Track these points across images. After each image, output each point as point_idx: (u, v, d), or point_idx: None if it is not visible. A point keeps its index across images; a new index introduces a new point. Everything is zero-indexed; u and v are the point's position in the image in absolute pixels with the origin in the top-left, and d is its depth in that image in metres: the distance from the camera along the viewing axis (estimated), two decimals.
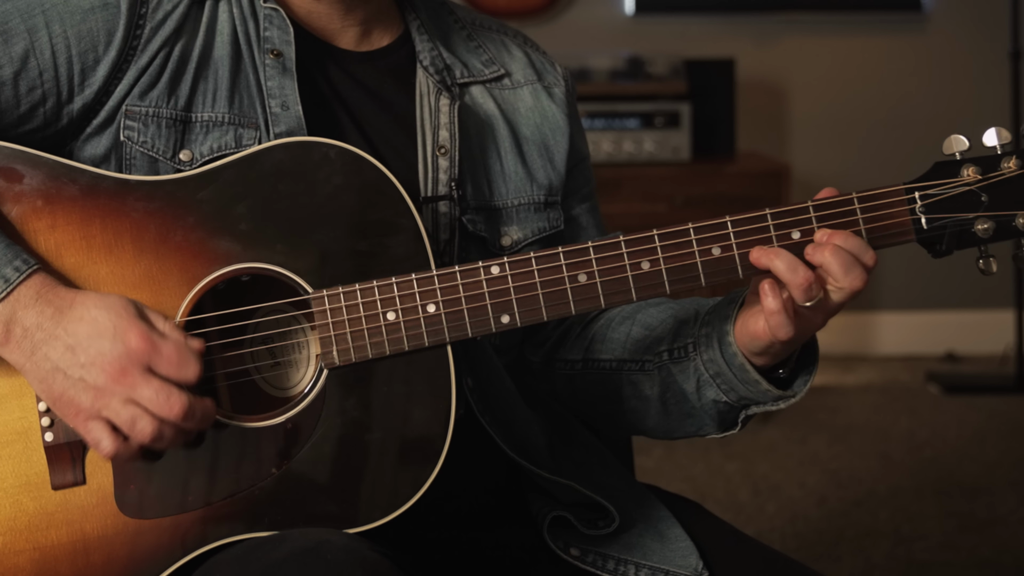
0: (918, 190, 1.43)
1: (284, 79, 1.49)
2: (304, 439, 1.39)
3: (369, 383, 1.40)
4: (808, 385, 1.48)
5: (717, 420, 1.54)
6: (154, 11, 1.47)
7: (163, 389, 1.31)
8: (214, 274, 1.39)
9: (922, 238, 1.43)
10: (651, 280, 1.41)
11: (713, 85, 4.60)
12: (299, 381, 1.45)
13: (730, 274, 1.42)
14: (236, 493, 1.38)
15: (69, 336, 1.32)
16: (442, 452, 1.39)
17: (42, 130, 1.45)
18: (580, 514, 1.53)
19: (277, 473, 1.38)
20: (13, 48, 1.43)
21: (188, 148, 1.47)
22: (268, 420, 1.39)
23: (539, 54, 1.71)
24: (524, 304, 1.40)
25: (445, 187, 1.54)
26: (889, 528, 3.37)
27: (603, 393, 1.61)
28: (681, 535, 1.55)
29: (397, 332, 1.39)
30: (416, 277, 1.39)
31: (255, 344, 1.44)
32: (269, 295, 1.44)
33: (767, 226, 1.42)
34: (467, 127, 1.58)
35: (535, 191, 1.62)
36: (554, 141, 1.64)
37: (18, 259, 1.33)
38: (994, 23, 4.88)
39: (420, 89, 1.58)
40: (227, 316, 1.41)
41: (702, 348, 1.51)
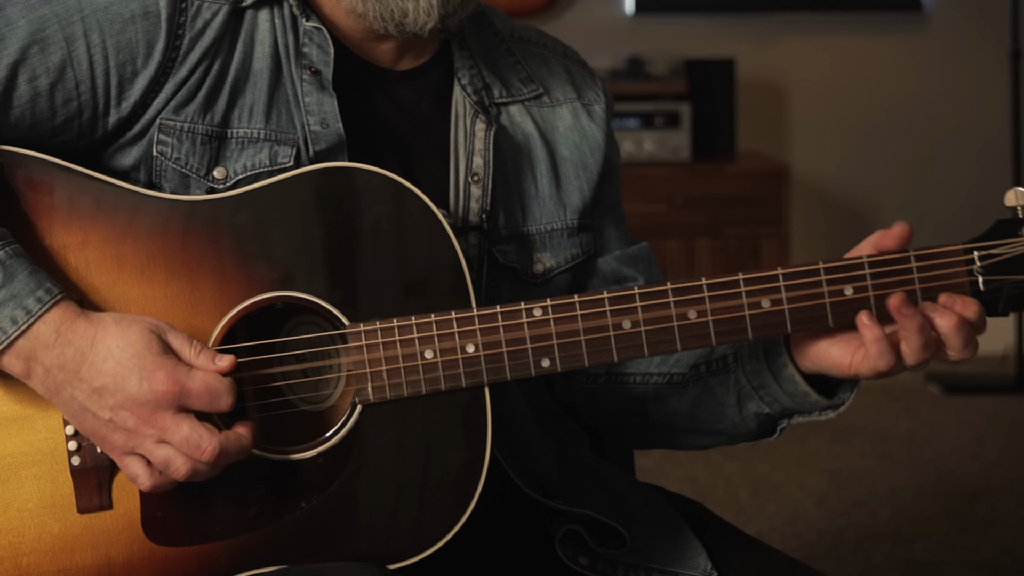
0: (977, 250, 1.39)
1: (323, 96, 1.45)
2: (336, 474, 1.36)
3: (403, 421, 1.37)
4: (855, 392, 1.45)
5: (755, 429, 1.52)
6: (193, 19, 1.43)
7: (195, 432, 1.29)
8: (249, 301, 1.36)
9: (978, 299, 1.38)
10: (697, 331, 1.36)
11: (713, 85, 4.60)
12: (330, 395, 1.43)
13: (779, 328, 1.36)
14: (264, 525, 1.36)
15: (95, 379, 1.29)
16: (474, 495, 1.37)
17: (76, 141, 1.42)
18: (592, 530, 1.52)
19: (307, 507, 1.36)
20: (50, 58, 1.39)
21: (223, 165, 1.43)
22: (300, 453, 1.37)
23: (579, 67, 1.66)
24: (565, 349, 1.36)
25: (476, 217, 1.51)
26: (889, 528, 3.37)
27: (626, 407, 1.59)
28: (689, 536, 1.55)
29: (434, 372, 1.35)
30: (456, 316, 1.35)
31: (286, 362, 1.41)
32: (303, 322, 1.42)
33: (820, 280, 1.36)
34: (503, 150, 1.54)
35: (568, 216, 1.57)
36: (592, 160, 1.60)
37: (41, 288, 1.30)
38: (994, 23, 4.88)
39: (456, 110, 1.54)
40: (260, 347, 1.38)
41: (744, 360, 1.48)
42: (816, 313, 1.37)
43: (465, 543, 1.48)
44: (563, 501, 1.52)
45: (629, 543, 1.51)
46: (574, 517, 1.52)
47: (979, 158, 4.97)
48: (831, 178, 5.00)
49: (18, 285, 1.29)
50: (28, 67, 1.38)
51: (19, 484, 1.35)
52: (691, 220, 4.38)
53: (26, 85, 1.38)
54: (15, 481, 1.35)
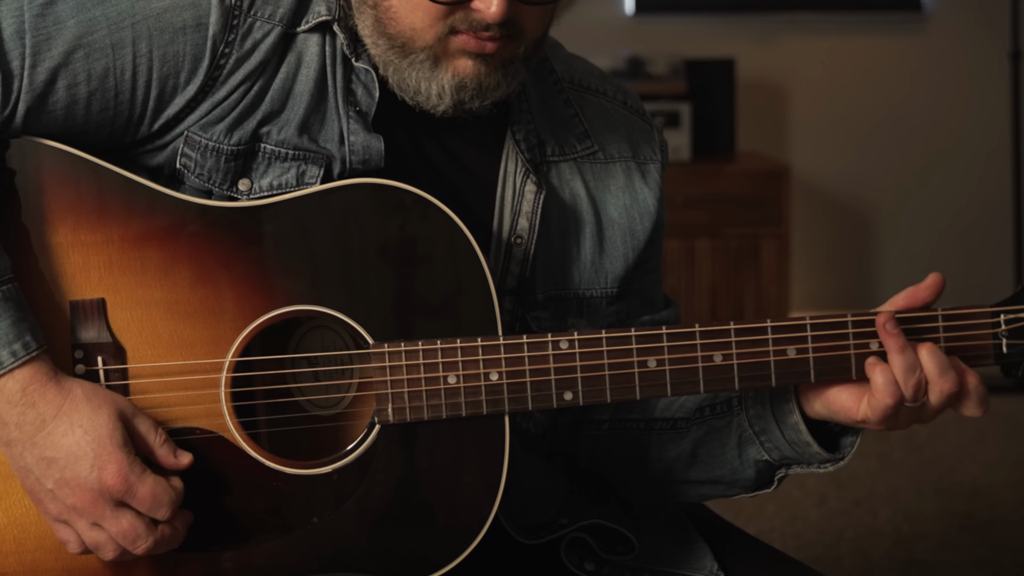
0: (1004, 313, 1.40)
1: (370, 138, 1.41)
2: (349, 492, 1.36)
3: (420, 443, 1.36)
4: (855, 447, 1.45)
5: (753, 478, 1.50)
6: (243, 39, 1.39)
7: (131, 530, 1.29)
8: (273, 312, 1.35)
9: (1001, 362, 1.39)
10: (721, 374, 1.36)
11: (713, 85, 4.60)
12: (341, 400, 1.43)
13: (802, 377, 1.37)
14: (274, 538, 1.36)
15: (47, 449, 1.28)
16: (486, 523, 1.36)
17: (104, 142, 1.38)
18: (599, 536, 1.51)
19: (318, 522, 1.36)
20: (94, 64, 1.35)
21: (248, 177, 1.40)
22: (314, 469, 1.36)
23: (638, 118, 1.60)
24: (589, 383, 1.36)
25: (514, 281, 1.48)
26: (889, 528, 3.36)
27: (628, 455, 1.56)
28: (695, 537, 1.55)
29: (456, 397, 1.35)
30: (482, 343, 1.35)
31: (298, 364, 1.41)
32: (315, 327, 1.41)
33: (847, 332, 1.37)
34: (549, 210, 1.49)
35: (609, 283, 1.54)
36: (641, 227, 1.55)
37: (19, 342, 1.28)
38: (994, 23, 4.88)
39: (507, 166, 1.49)
40: (279, 360, 1.38)
41: (749, 404, 1.47)
42: (841, 365, 1.38)
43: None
44: (568, 519, 1.51)
45: (637, 549, 1.50)
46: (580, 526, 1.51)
47: (979, 158, 4.96)
48: (831, 178, 5.00)
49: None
50: (70, 72, 1.35)
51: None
52: (691, 220, 4.37)
53: (64, 91, 1.35)
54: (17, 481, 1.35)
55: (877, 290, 4.96)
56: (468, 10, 1.34)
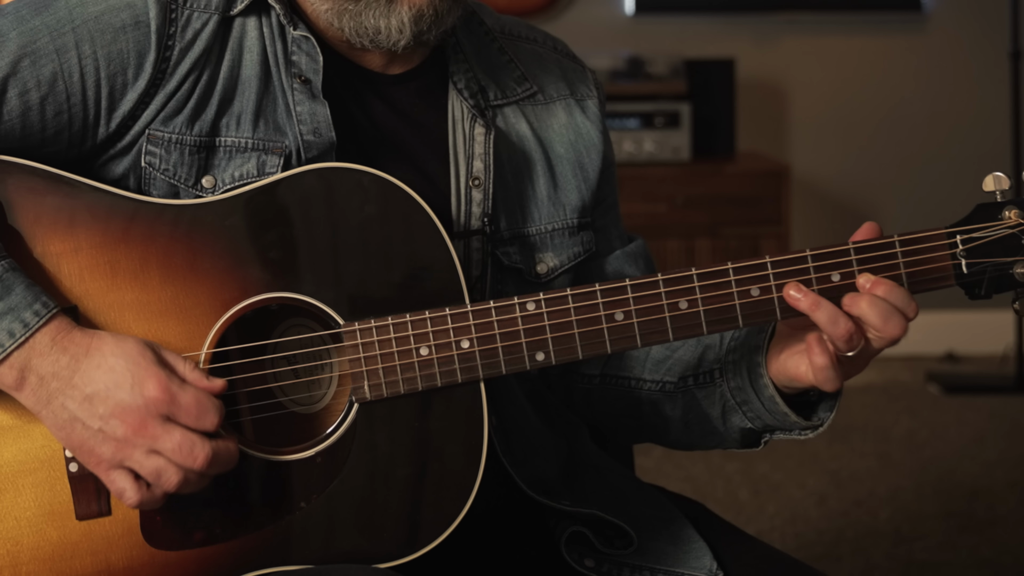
0: (960, 234, 1.41)
1: (315, 105, 1.44)
2: (334, 473, 1.37)
3: (400, 418, 1.37)
4: (833, 414, 1.47)
5: (740, 441, 1.53)
6: (183, 30, 1.42)
7: (186, 440, 1.29)
8: (243, 303, 1.36)
9: (962, 282, 1.42)
10: (688, 320, 1.38)
11: (713, 85, 4.60)
12: (323, 396, 1.44)
13: (768, 316, 1.38)
14: (264, 526, 1.36)
15: (87, 386, 1.29)
16: (473, 489, 1.37)
17: (65, 152, 1.41)
18: (598, 530, 1.53)
19: (306, 507, 1.37)
20: (41, 70, 1.38)
21: (211, 174, 1.43)
22: (298, 453, 1.37)
23: (570, 61, 1.65)
24: (560, 342, 1.37)
25: (478, 221, 1.51)
26: (889, 528, 3.37)
27: (622, 407, 1.60)
28: (693, 536, 1.55)
29: (430, 368, 1.36)
30: (450, 312, 1.36)
31: (277, 363, 1.42)
32: (298, 322, 1.42)
33: (807, 268, 1.38)
34: (500, 153, 1.54)
35: (568, 215, 1.58)
36: (588, 159, 1.60)
37: (38, 302, 1.30)
38: (994, 23, 4.88)
39: (453, 114, 1.53)
40: (252, 349, 1.39)
41: (729, 375, 1.49)
42: None
43: (469, 545, 1.48)
44: (569, 502, 1.52)
45: (636, 542, 1.52)
46: (579, 518, 1.52)
47: (979, 158, 4.97)
48: (831, 178, 5.00)
49: (15, 298, 1.29)
50: (19, 81, 1.38)
51: (17, 493, 1.35)
52: (691, 220, 4.38)
53: (17, 99, 1.38)
54: (12, 490, 1.35)
55: None
56: None
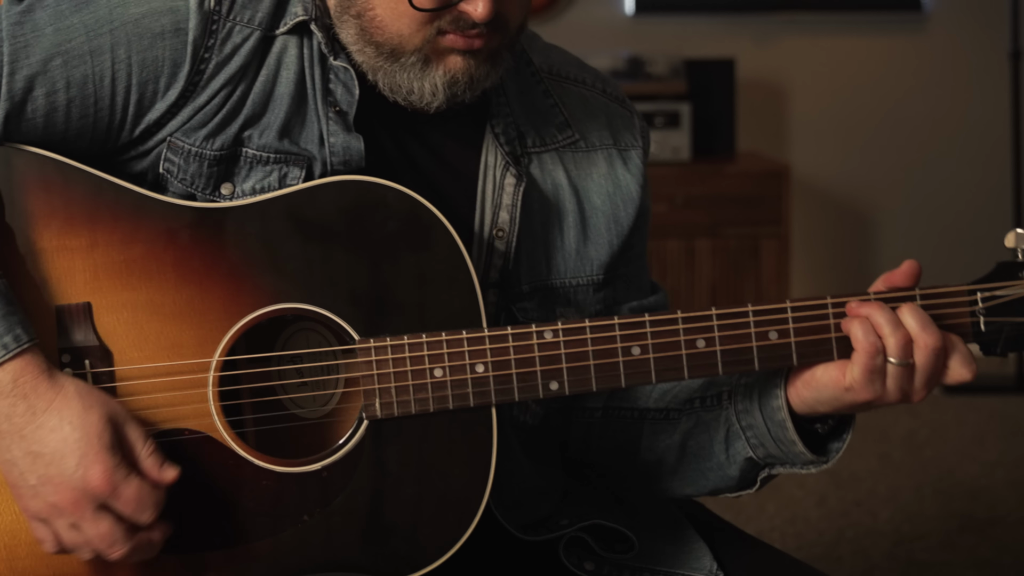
0: (980, 291, 1.41)
1: (350, 138, 1.40)
2: (339, 489, 1.36)
3: (409, 437, 1.37)
4: (841, 453, 1.45)
5: (737, 476, 1.50)
6: (222, 44, 1.39)
7: (111, 533, 1.29)
8: (259, 312, 1.35)
9: (979, 340, 1.40)
10: (705, 360, 1.37)
11: (713, 85, 4.60)
12: (326, 404, 1.43)
13: (785, 361, 1.38)
14: (265, 536, 1.36)
15: (35, 443, 1.27)
16: (476, 515, 1.37)
17: (86, 149, 1.38)
18: (599, 535, 1.51)
19: (309, 520, 1.36)
20: (72, 72, 1.35)
21: (230, 182, 1.40)
22: (303, 467, 1.36)
23: (618, 105, 1.60)
24: (574, 373, 1.36)
25: (497, 273, 1.48)
26: (889, 528, 3.37)
27: (621, 443, 1.56)
28: (693, 536, 1.55)
29: (443, 390, 1.35)
30: (467, 335, 1.35)
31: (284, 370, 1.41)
32: (301, 329, 1.41)
33: (827, 314, 1.38)
34: (531, 202, 1.50)
35: (595, 270, 1.53)
36: (624, 213, 1.55)
37: (9, 335, 1.27)
38: (994, 23, 4.88)
39: (487, 159, 1.49)
40: (265, 359, 1.38)
41: (738, 398, 1.46)
42: (822, 347, 1.38)
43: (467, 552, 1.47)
44: (567, 521, 1.51)
45: (637, 547, 1.51)
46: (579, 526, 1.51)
47: (979, 158, 4.96)
48: (831, 178, 5.00)
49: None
50: (48, 80, 1.35)
51: None
52: (691, 220, 4.37)
53: (43, 99, 1.35)
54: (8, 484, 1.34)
55: None
56: (455, 11, 1.35)
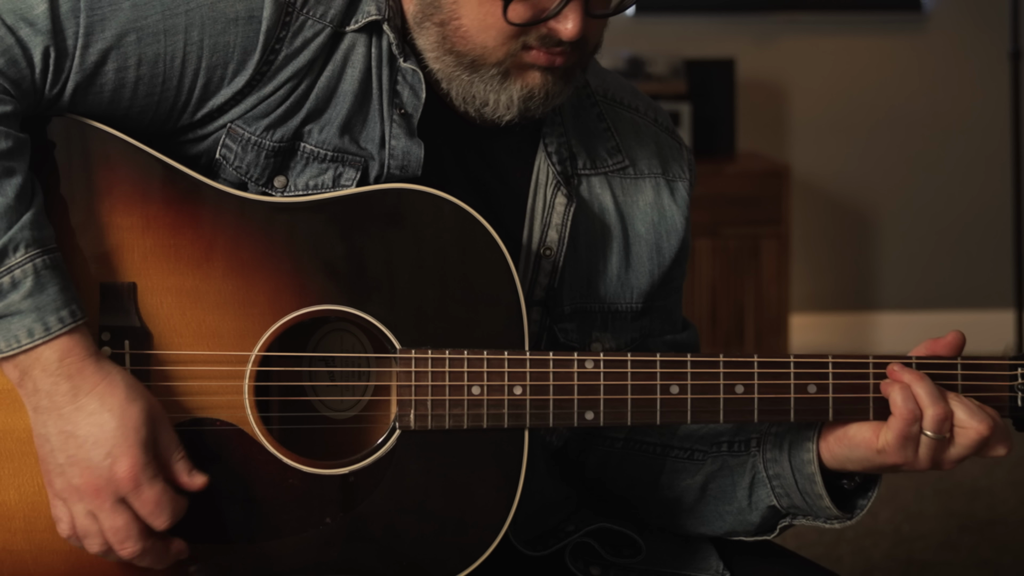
0: (1021, 367, 1.40)
1: (411, 144, 1.40)
2: (364, 495, 1.36)
3: (439, 451, 1.36)
4: (866, 511, 1.45)
5: (757, 523, 1.49)
6: (294, 36, 1.38)
7: (125, 529, 1.29)
8: (304, 310, 1.35)
9: (1014, 415, 1.40)
10: (742, 406, 1.37)
11: (713, 85, 4.60)
12: (353, 404, 1.42)
13: (821, 415, 1.38)
14: (285, 536, 1.36)
15: (71, 424, 1.28)
16: (496, 537, 1.36)
17: (146, 127, 1.38)
18: (605, 540, 1.51)
19: (331, 523, 1.36)
20: (145, 49, 1.35)
21: (284, 175, 1.40)
22: (331, 469, 1.36)
23: (668, 135, 1.60)
24: (611, 405, 1.36)
25: (542, 292, 1.47)
26: (889, 528, 3.36)
27: (638, 476, 1.55)
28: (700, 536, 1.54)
29: (479, 409, 1.35)
30: (508, 356, 1.35)
31: (315, 365, 1.41)
32: (341, 327, 1.41)
33: (867, 372, 1.38)
34: (578, 223, 1.49)
35: (635, 298, 1.53)
36: (667, 244, 1.55)
37: (66, 309, 1.28)
38: (994, 23, 4.88)
39: (538, 176, 1.49)
40: (300, 358, 1.38)
41: (767, 446, 1.46)
42: (859, 406, 1.38)
43: None
44: (575, 526, 1.51)
45: (644, 551, 1.50)
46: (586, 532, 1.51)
47: (979, 158, 4.96)
48: (831, 178, 5.00)
49: (46, 298, 1.27)
50: (120, 55, 1.34)
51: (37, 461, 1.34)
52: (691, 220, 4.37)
53: (113, 74, 1.34)
54: (35, 456, 1.34)
55: (877, 290, 4.96)
56: (544, 28, 1.36)
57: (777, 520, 1.48)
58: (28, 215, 1.28)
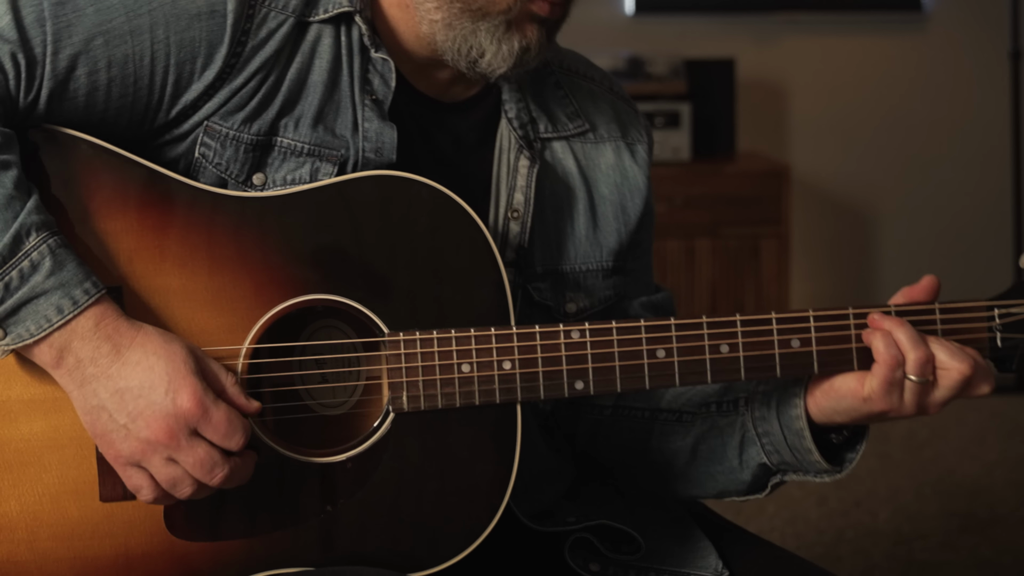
0: (998, 308, 1.44)
1: (384, 126, 1.44)
2: (363, 480, 1.37)
3: (434, 431, 1.38)
4: (854, 463, 1.47)
5: (748, 481, 1.51)
6: (258, 28, 1.41)
7: (208, 458, 1.29)
8: (290, 301, 1.36)
9: (994, 356, 1.43)
10: (728, 365, 1.39)
11: (713, 85, 4.60)
12: (347, 399, 1.43)
13: (806, 369, 1.40)
14: (287, 526, 1.37)
15: (122, 379, 1.29)
16: (499, 509, 1.37)
17: (122, 131, 1.40)
18: (604, 536, 1.52)
19: (331, 511, 1.37)
20: (113, 51, 1.37)
21: (263, 172, 1.42)
22: (329, 457, 1.37)
23: (624, 104, 1.66)
24: (600, 373, 1.38)
25: (513, 253, 1.51)
26: (889, 528, 3.37)
27: (628, 440, 1.58)
28: (699, 535, 1.55)
29: (470, 386, 1.37)
30: (495, 332, 1.37)
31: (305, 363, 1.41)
32: (329, 323, 1.42)
33: (848, 324, 1.40)
34: (543, 187, 1.54)
35: (604, 257, 1.58)
36: (631, 203, 1.60)
37: (88, 280, 1.29)
38: (994, 23, 4.88)
39: (501, 143, 1.53)
40: (292, 349, 1.39)
41: (755, 405, 1.48)
42: (843, 356, 1.40)
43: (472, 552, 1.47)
44: (575, 519, 1.52)
45: (644, 548, 1.51)
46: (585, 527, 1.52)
47: (979, 158, 4.97)
48: (831, 178, 5.00)
49: (67, 274, 1.29)
50: (90, 59, 1.36)
51: (42, 468, 1.35)
52: (691, 220, 4.37)
53: (85, 78, 1.36)
54: (38, 464, 1.35)
55: (877, 290, 4.96)
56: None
57: (768, 478, 1.50)
58: (31, 202, 1.30)
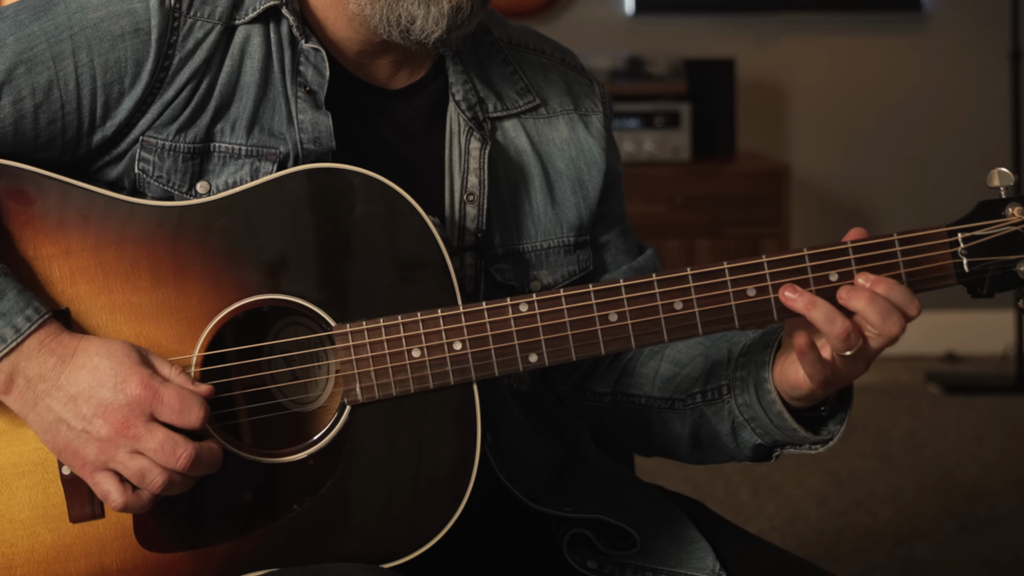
0: (961, 232, 1.39)
1: (318, 115, 1.43)
2: (326, 476, 1.36)
3: (393, 420, 1.37)
4: (842, 429, 1.45)
5: (751, 456, 1.52)
6: (184, 39, 1.41)
7: (168, 440, 1.29)
8: (234, 305, 1.36)
9: (963, 281, 1.39)
10: (684, 321, 1.36)
11: (713, 85, 4.60)
12: (319, 395, 1.43)
13: (765, 316, 1.36)
14: (257, 528, 1.36)
15: (71, 386, 1.30)
16: (466, 491, 1.37)
17: (58, 158, 1.40)
18: (600, 532, 1.52)
19: (299, 509, 1.36)
20: (37, 78, 1.37)
21: (206, 179, 1.42)
22: (290, 456, 1.37)
23: (576, 74, 1.63)
24: (553, 344, 1.36)
25: (472, 236, 1.50)
26: (889, 528, 3.37)
27: (633, 427, 1.59)
28: (696, 536, 1.55)
29: (422, 370, 1.36)
30: (442, 314, 1.35)
31: (275, 363, 1.41)
32: (291, 323, 1.41)
33: (804, 267, 1.35)
34: (496, 167, 1.52)
35: (565, 233, 1.56)
36: (589, 176, 1.57)
37: (30, 307, 1.30)
38: (994, 23, 4.88)
39: (451, 127, 1.52)
40: (247, 351, 1.39)
41: (737, 392, 1.48)
42: None
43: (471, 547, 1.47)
44: (572, 508, 1.52)
45: (639, 543, 1.51)
46: (581, 521, 1.52)
47: (979, 158, 4.97)
48: (831, 178, 5.00)
49: (8, 303, 1.30)
50: (14, 88, 1.37)
51: (11, 495, 1.35)
52: (691, 220, 4.38)
53: (10, 107, 1.37)
54: (6, 492, 1.35)
55: None
56: None
57: (768, 452, 1.51)
58: None
